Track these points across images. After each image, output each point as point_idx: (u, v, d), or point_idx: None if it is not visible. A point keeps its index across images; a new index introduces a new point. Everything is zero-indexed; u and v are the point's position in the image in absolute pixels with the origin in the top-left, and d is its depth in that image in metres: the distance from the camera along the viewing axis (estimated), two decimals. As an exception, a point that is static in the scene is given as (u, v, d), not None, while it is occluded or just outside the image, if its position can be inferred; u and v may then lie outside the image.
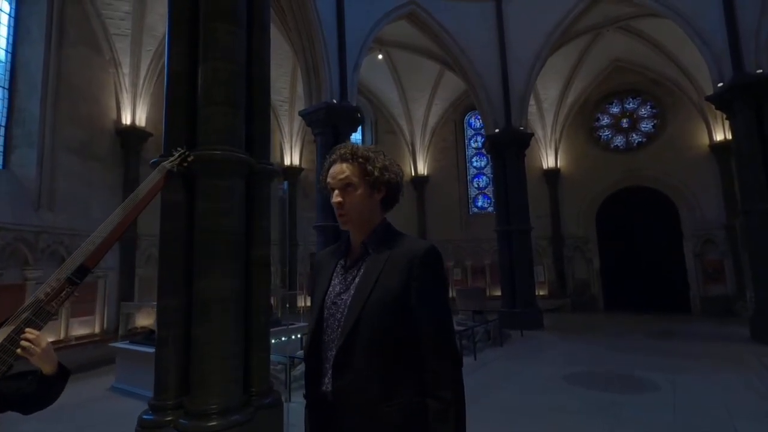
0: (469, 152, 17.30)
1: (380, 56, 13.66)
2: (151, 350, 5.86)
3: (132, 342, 6.74)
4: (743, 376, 6.01)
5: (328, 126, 9.35)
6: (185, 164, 2.17)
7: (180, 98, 3.92)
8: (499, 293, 12.29)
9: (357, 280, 1.33)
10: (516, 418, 4.57)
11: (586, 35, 12.80)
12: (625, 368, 6.61)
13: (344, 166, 1.35)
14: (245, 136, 4.01)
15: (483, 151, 16.43)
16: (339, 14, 9.83)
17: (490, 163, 14.39)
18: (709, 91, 9.91)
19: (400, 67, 14.50)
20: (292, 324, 7.83)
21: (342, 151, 1.38)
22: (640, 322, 11.37)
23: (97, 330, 8.82)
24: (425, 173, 16.76)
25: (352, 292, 1.32)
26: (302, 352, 7.46)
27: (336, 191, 1.35)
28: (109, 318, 9.03)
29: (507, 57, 12.01)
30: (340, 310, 1.32)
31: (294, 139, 14.21)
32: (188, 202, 3.76)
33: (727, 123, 11.86)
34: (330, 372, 1.29)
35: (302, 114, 9.75)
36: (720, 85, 9.13)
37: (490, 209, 16.28)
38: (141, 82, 9.84)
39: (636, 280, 13.72)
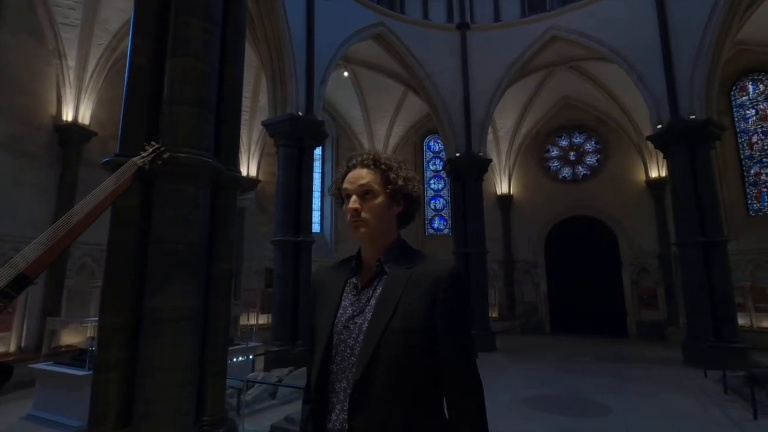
0: (428, 174, 17.62)
1: (346, 73, 13.68)
2: (80, 373, 5.22)
3: (56, 363, 5.97)
4: (685, 398, 6.37)
5: (291, 138, 9.12)
6: (159, 162, 1.93)
7: (142, 94, 3.60)
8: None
9: (373, 301, 1.19)
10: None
11: (541, 72, 13.61)
12: (578, 391, 6.79)
13: (365, 171, 1.23)
14: (214, 141, 3.74)
15: (441, 174, 16.83)
16: (309, 27, 9.75)
17: (448, 186, 14.70)
18: (647, 132, 10.81)
19: (365, 86, 14.59)
20: (244, 344, 7.36)
21: (364, 156, 1.26)
22: (585, 345, 11.87)
23: (12, 348, 7.77)
24: (384, 192, 16.80)
25: (368, 315, 1.17)
26: (259, 374, 6.97)
27: (354, 197, 1.22)
28: (29, 334, 8.00)
29: (469, 85, 12.46)
30: (353, 335, 1.17)
31: (252, 150, 13.74)
32: (144, 208, 3.41)
33: (661, 161, 13.01)
34: (339, 407, 1.13)
35: (266, 124, 9.44)
36: (659, 127, 9.99)
37: (446, 231, 16.58)
38: (88, 76, 9.10)
39: (580, 304, 14.40)
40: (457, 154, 12.22)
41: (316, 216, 13.69)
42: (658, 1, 10.07)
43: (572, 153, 16.05)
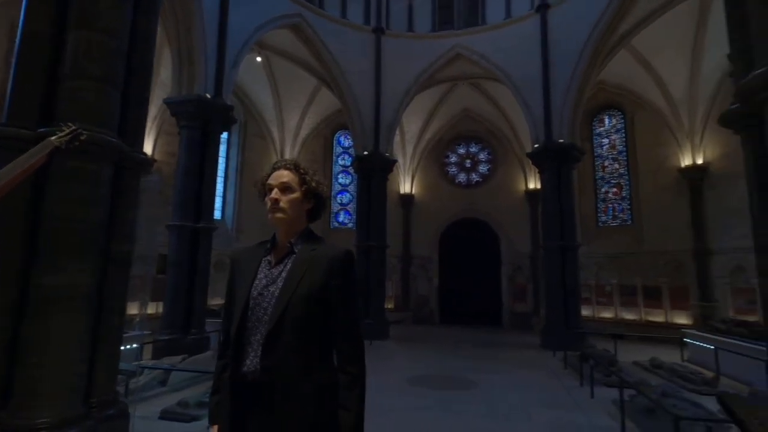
0: (336, 169, 17.97)
1: (259, 59, 13.35)
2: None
3: None
4: (536, 374, 7.72)
5: (197, 120, 8.76)
6: (76, 143, 2.05)
7: (37, 64, 3.39)
8: (352, 305, 12.93)
9: (284, 274, 1.55)
10: (368, 417, 5.02)
11: (445, 84, 14.81)
12: (455, 371, 7.80)
13: (286, 172, 1.60)
14: (119, 120, 3.66)
15: (349, 169, 17.28)
16: (223, 7, 9.43)
17: (355, 182, 15.24)
18: (528, 149, 12.55)
19: (278, 74, 14.39)
20: (128, 333, 6.98)
21: (287, 161, 1.65)
22: (467, 333, 13.35)
23: None
24: (291, 183, 16.71)
25: (280, 284, 1.53)
26: (148, 362, 6.67)
27: (275, 190, 1.56)
28: None
29: (381, 88, 13.10)
30: (266, 299, 1.51)
31: (149, 127, 12.68)
32: (35, 184, 3.23)
33: (536, 175, 15.08)
34: (253, 354, 1.47)
35: (169, 102, 8.91)
36: (536, 146, 11.68)
37: (350, 225, 17.12)
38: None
39: (466, 297, 16.07)
40: (366, 153, 12.78)
41: (218, 202, 13.17)
42: (542, 41, 11.71)
43: (468, 161, 17.72)
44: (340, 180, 17.97)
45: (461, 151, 17.84)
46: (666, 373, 7.42)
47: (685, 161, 12.80)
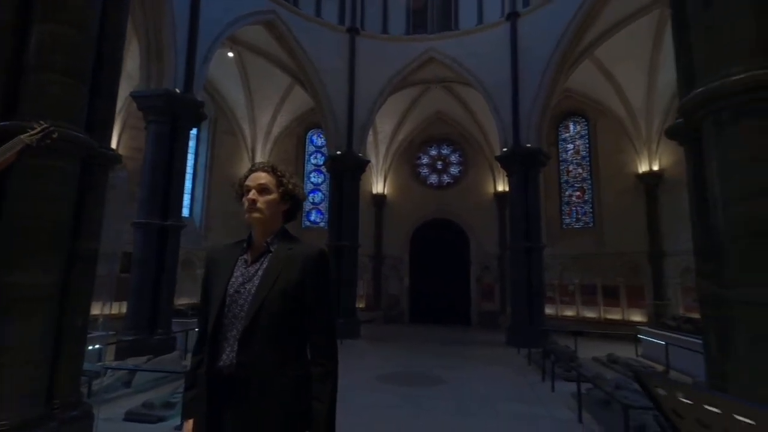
0: (308, 167, 17.88)
1: (231, 54, 13.14)
2: None
3: None
4: (501, 371, 8.00)
5: (165, 115, 8.55)
6: (48, 141, 2.04)
7: (-1, 54, 3.27)
8: (323, 305, 12.92)
9: (260, 272, 1.61)
10: (339, 415, 5.10)
11: (419, 86, 15.04)
12: (425, 368, 7.97)
13: (264, 174, 1.66)
14: (87, 116, 3.58)
15: (322, 168, 17.23)
16: (194, 1, 9.23)
17: (328, 181, 15.22)
18: (498, 152, 12.93)
19: (251, 71, 14.19)
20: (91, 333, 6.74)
21: (265, 163, 1.70)
22: (437, 332, 13.60)
23: None
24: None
25: (256, 282, 1.58)
26: (111, 363, 6.50)
27: (253, 191, 1.62)
28: None
29: (355, 88, 13.15)
30: (243, 297, 1.57)
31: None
32: (-3, 178, 3.13)
33: (505, 178, 15.54)
34: (230, 349, 1.52)
35: (136, 96, 8.65)
36: (504, 149, 12.05)
37: (322, 224, 17.08)
38: None
39: (436, 297, 16.35)
40: (338, 152, 12.80)
41: (186, 199, 12.86)
42: (512, 48, 12.10)
43: (440, 162, 18.03)
44: (313, 179, 17.90)
45: (433, 152, 18.12)
46: (621, 368, 7.86)
47: (643, 167, 13.54)
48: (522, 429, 4.88)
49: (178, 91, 8.72)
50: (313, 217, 17.68)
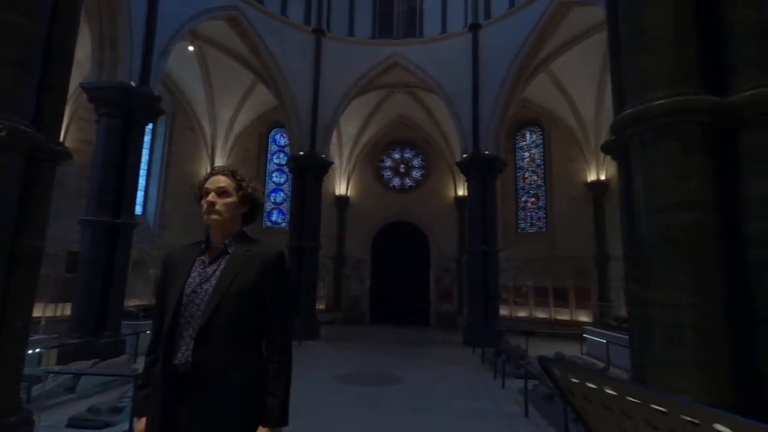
0: (271, 167, 17.62)
1: (191, 48, 12.76)
2: None
3: None
4: (456, 369, 8.27)
5: (119, 109, 8.20)
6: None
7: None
8: (282, 306, 12.78)
9: (218, 273, 1.66)
10: (297, 415, 5.13)
11: (383, 90, 15.23)
12: (383, 368, 8.11)
13: (223, 178, 1.72)
14: (35, 108, 3.43)
15: (284, 168, 17.03)
16: (153, -9, 8.93)
17: (290, 181, 15.08)
18: (458, 158, 13.33)
19: (212, 66, 13.83)
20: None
21: (225, 168, 1.77)
22: (396, 332, 13.80)
23: None
24: (222, 179, 16.07)
25: (214, 282, 1.63)
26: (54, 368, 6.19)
27: (212, 194, 1.68)
28: None
29: (319, 89, 13.14)
30: (200, 296, 1.61)
31: (59, 110, 11.55)
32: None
33: (464, 183, 16.02)
34: (185, 347, 1.56)
35: (86, 87, 8.23)
36: (464, 155, 12.45)
37: (283, 225, 16.88)
38: None
39: (396, 298, 16.57)
40: (301, 153, 12.74)
41: (139, 196, 12.34)
42: (474, 58, 12.54)
43: (402, 166, 18.30)
44: (275, 178, 17.65)
45: (396, 156, 18.37)
46: (567, 365, 8.34)
47: (591, 177, 14.39)
48: (473, 424, 5.11)
49: (133, 84, 8.40)
50: (274, 218, 17.43)
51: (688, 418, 0.63)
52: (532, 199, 16.34)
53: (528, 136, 16.69)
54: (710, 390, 2.26)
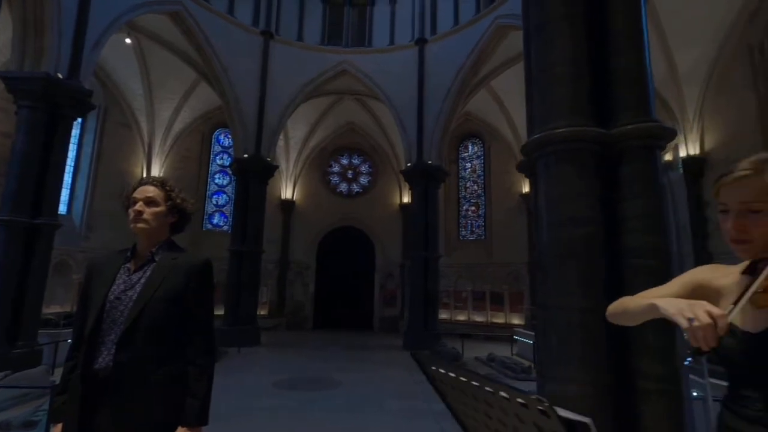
0: (213, 168, 17.07)
1: (128, 40, 12.14)
2: None
3: None
4: (393, 371, 8.52)
5: (43, 101, 7.62)
6: None
7: None
8: (220, 312, 12.42)
9: (143, 281, 1.73)
10: (233, 421, 5.09)
11: (332, 95, 15.35)
12: (322, 372, 8.18)
13: (152, 188, 1.79)
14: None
15: (228, 170, 16.58)
16: (86, -21, 8.46)
17: (234, 183, 14.71)
18: (403, 166, 13.74)
19: (152, 61, 13.23)
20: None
21: (154, 179, 1.85)
22: (339, 337, 13.87)
23: None
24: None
25: (138, 289, 1.70)
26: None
27: (140, 203, 1.75)
28: None
29: (266, 91, 13.00)
30: (124, 303, 1.66)
31: (-28, 98, 10.50)
32: None
33: (410, 190, 16.49)
34: (107, 351, 1.61)
35: (6, 76, 7.59)
36: (409, 164, 12.87)
37: (225, 228, 16.40)
38: None
39: (341, 303, 16.65)
40: (246, 155, 12.51)
41: (63, 194, 11.50)
42: (419, 71, 13.05)
43: (350, 171, 18.48)
44: (217, 180, 17.11)
45: (344, 161, 18.52)
46: (497, 365, 8.90)
47: (525, 188, 15.38)
48: (404, 422, 5.36)
49: (60, 76, 7.87)
50: (216, 220, 16.88)
51: (489, 389, 0.86)
52: (473, 208, 17.15)
53: (470, 147, 17.53)
54: (592, 379, 2.64)
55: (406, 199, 17.49)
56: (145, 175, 14.76)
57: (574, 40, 3.01)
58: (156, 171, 15.15)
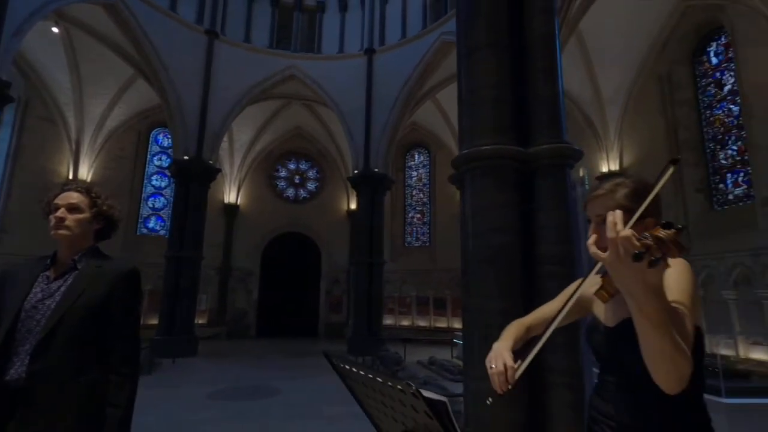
0: (151, 169, 16.18)
1: (56, 29, 11.29)
2: None
3: None
4: (335, 378, 8.37)
5: (-50, 91, 6.95)
6: None
7: None
8: (155, 321, 11.78)
9: (63, 288, 1.67)
10: (156, 435, 4.89)
11: (280, 100, 15.17)
12: (261, 381, 8.02)
13: (76, 194, 1.73)
14: None
15: (166, 171, 15.80)
16: (7, -38, 7.80)
17: (173, 186, 14.04)
18: (351, 173, 13.86)
19: (82, 53, 12.36)
20: None
21: (78, 185, 1.81)
22: (281, 345, 13.61)
23: None
24: (88, 179, 14.29)
25: (58, 298, 1.63)
26: None
27: (62, 209, 1.69)
28: None
29: (210, 92, 12.60)
30: (41, 312, 1.59)
31: None
32: None
33: (356, 197, 16.63)
34: (20, 363, 1.55)
35: None
36: (356, 171, 13.02)
37: (162, 232, 15.58)
38: None
39: (285, 310, 16.35)
40: (186, 157, 12.02)
41: (-27, 194, 10.40)
42: (368, 80, 13.29)
43: (297, 177, 18.30)
44: (154, 182, 16.22)
45: (291, 166, 18.31)
46: (436, 368, 9.20)
47: (468, 197, 16.07)
48: (341, 426, 5.43)
49: (-27, 64, 7.19)
50: (152, 224, 15.97)
51: (380, 380, 1.00)
52: (418, 215, 17.62)
53: (417, 156, 18.03)
54: (508, 376, 2.89)
55: (353, 205, 17.53)
56: (71, 176, 13.72)
57: (498, 67, 3.31)
58: (84, 170, 14.12)
